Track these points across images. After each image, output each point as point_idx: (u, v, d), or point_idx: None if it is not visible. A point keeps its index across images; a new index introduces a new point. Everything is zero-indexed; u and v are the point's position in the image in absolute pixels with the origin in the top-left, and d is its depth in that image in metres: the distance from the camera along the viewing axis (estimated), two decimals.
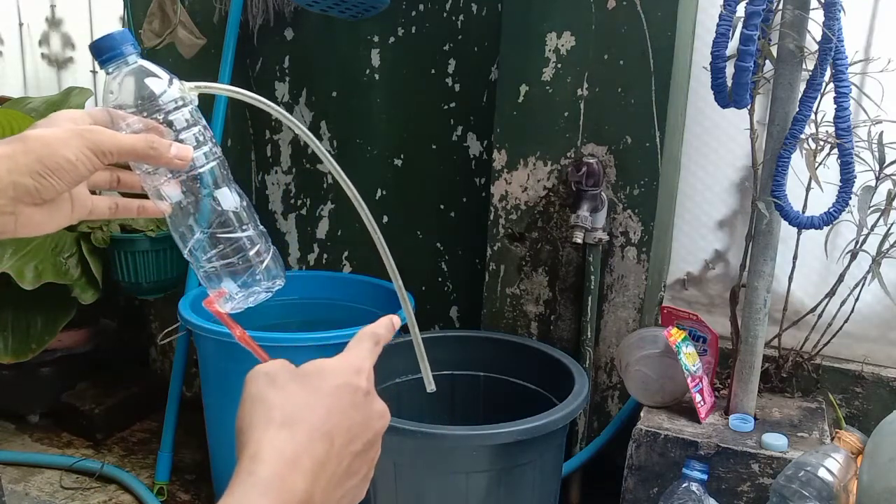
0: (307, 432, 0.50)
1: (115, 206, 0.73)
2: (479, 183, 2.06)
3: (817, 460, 1.31)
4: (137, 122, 0.64)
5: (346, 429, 0.52)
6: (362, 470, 0.54)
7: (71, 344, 2.44)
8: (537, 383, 1.75)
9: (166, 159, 0.62)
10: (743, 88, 1.35)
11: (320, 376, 0.53)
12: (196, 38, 2.17)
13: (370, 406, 0.55)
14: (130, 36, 0.64)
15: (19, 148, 0.58)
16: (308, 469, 0.48)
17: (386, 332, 0.61)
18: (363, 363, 0.56)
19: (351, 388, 0.53)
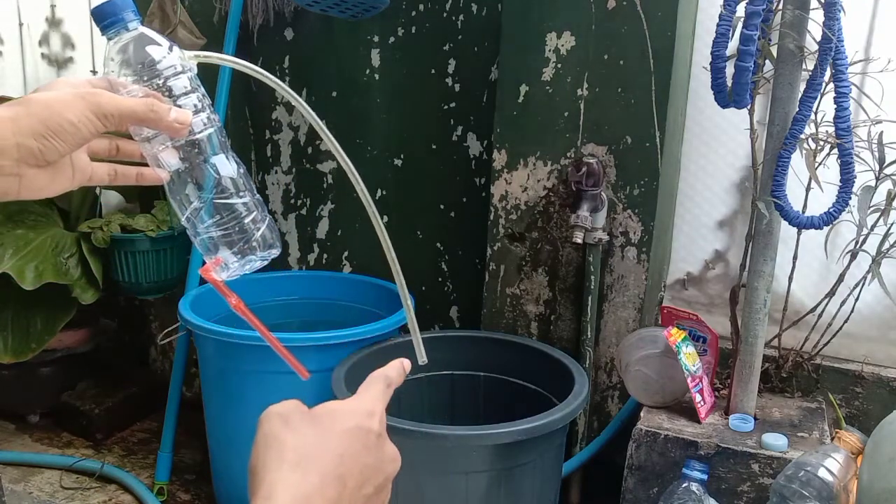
0: (320, 475, 0.50)
1: (114, 173, 0.74)
2: (479, 183, 2.06)
3: (817, 460, 1.31)
4: (137, 90, 0.65)
5: (359, 472, 0.52)
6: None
7: (71, 344, 2.44)
8: (537, 383, 1.75)
9: (166, 123, 0.63)
10: (743, 88, 1.35)
11: (332, 418, 0.54)
12: (196, 38, 2.17)
13: (382, 449, 0.55)
14: (132, 3, 0.65)
15: (22, 111, 0.59)
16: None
17: (397, 376, 0.62)
18: (375, 406, 0.57)
19: (363, 430, 0.54)
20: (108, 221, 2.24)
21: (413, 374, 1.86)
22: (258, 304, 2.14)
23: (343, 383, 1.56)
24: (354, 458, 0.52)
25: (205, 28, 2.20)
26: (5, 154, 0.58)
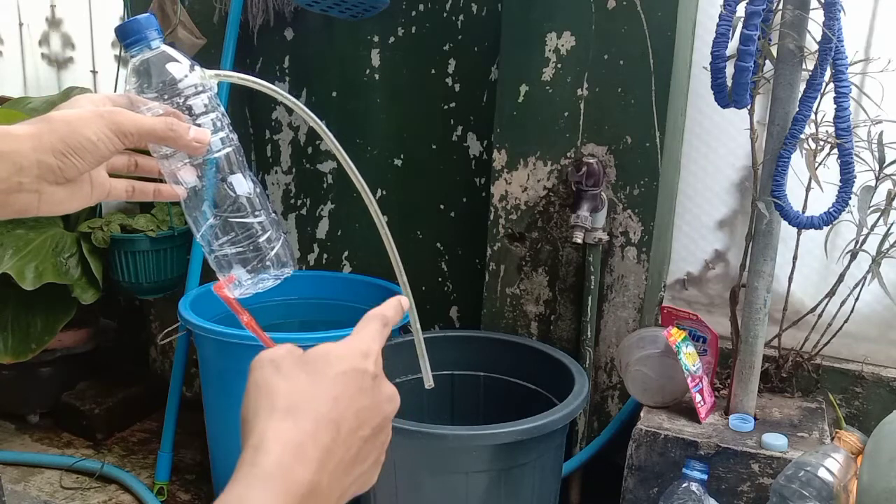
0: (312, 421, 0.49)
1: (132, 189, 0.74)
2: (479, 183, 2.06)
3: (817, 460, 1.31)
4: (157, 106, 0.65)
5: (354, 415, 0.51)
6: (372, 454, 0.54)
7: (71, 344, 2.44)
8: (537, 383, 1.75)
9: (185, 142, 0.64)
10: (743, 88, 1.35)
11: (326, 362, 0.52)
12: (196, 38, 2.17)
13: (379, 390, 0.54)
14: (155, 21, 0.66)
15: (44, 128, 0.59)
16: (314, 458, 0.48)
17: (394, 314, 0.61)
18: (371, 346, 0.55)
19: (358, 372, 0.52)
20: (108, 221, 2.25)
21: (413, 374, 1.86)
22: (258, 305, 2.14)
23: None
24: (349, 402, 0.51)
25: (205, 28, 2.20)
26: (25, 171, 0.59)
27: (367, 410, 0.52)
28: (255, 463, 0.47)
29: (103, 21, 2.79)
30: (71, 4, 2.85)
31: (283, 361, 0.52)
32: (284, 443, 0.47)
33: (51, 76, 2.96)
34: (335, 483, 0.50)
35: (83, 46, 2.87)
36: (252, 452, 0.47)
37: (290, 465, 0.47)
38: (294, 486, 0.46)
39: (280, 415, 0.49)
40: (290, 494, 0.46)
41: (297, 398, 0.50)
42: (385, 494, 1.53)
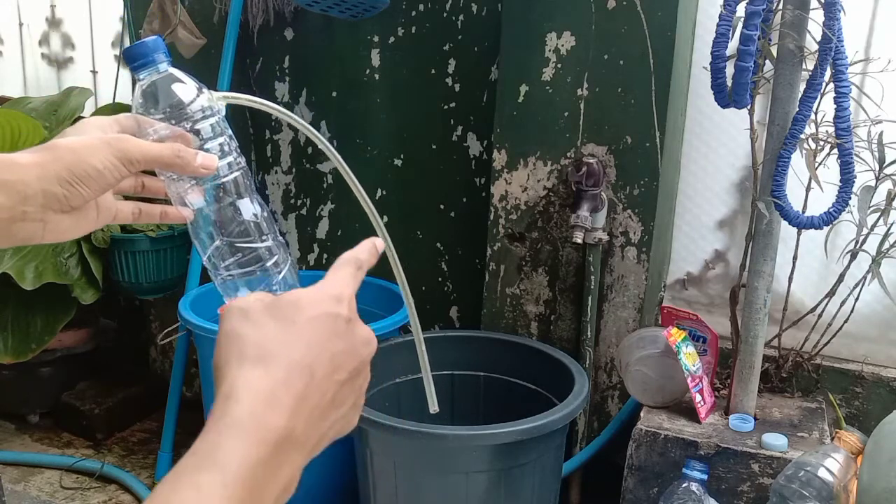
0: (284, 367, 0.48)
1: (138, 211, 0.74)
2: (479, 183, 2.06)
3: (817, 460, 1.31)
4: (164, 128, 0.65)
5: (329, 359, 0.50)
6: (350, 398, 0.53)
7: (71, 344, 2.44)
8: (537, 383, 1.75)
9: (192, 168, 0.63)
10: (743, 88, 1.35)
11: (296, 308, 0.51)
12: (196, 38, 2.17)
13: (353, 333, 0.53)
14: (163, 44, 0.65)
15: (49, 156, 0.58)
16: (287, 405, 0.47)
17: (368, 257, 0.59)
18: (343, 290, 0.54)
19: (331, 317, 0.51)
20: None
21: (413, 374, 1.86)
22: None
23: None
24: (322, 347, 0.50)
25: (205, 28, 2.20)
26: (30, 200, 0.58)
27: (343, 354, 0.51)
28: (225, 412, 0.46)
29: (103, 21, 2.79)
30: (71, 4, 2.85)
31: (253, 309, 0.51)
32: (255, 391, 0.47)
33: (51, 76, 2.96)
34: (311, 429, 0.49)
35: (83, 46, 2.87)
36: (223, 402, 0.47)
37: (262, 413, 0.46)
38: (267, 434, 0.46)
39: (250, 363, 0.48)
40: (263, 442, 0.45)
41: (268, 345, 0.49)
42: (385, 494, 1.53)
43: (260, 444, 0.45)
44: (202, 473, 0.44)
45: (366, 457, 1.53)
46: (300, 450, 0.48)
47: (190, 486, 0.44)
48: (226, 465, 0.44)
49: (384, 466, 1.51)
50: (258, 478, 0.45)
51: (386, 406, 1.70)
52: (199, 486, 0.43)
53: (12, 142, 2.24)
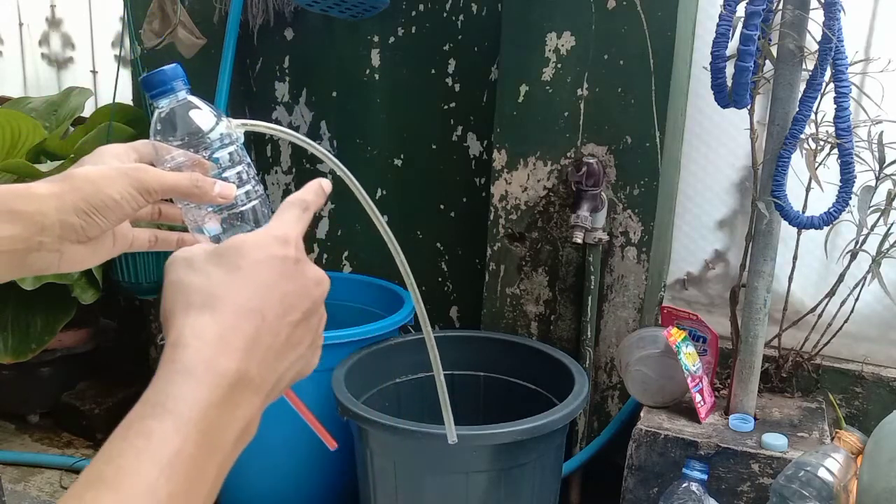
0: (232, 311, 0.48)
1: (154, 239, 0.73)
2: (479, 183, 2.06)
3: (817, 460, 1.31)
4: (182, 155, 0.64)
5: (278, 301, 0.50)
6: (306, 339, 0.53)
7: (71, 344, 2.44)
8: (537, 383, 1.75)
9: (209, 197, 0.63)
10: (743, 88, 1.35)
11: (240, 253, 0.51)
12: (196, 38, 2.16)
13: (303, 274, 0.53)
14: (181, 72, 0.65)
15: (66, 186, 0.58)
16: (238, 347, 0.47)
17: (315, 198, 0.59)
18: (289, 231, 0.54)
19: (277, 259, 0.51)
20: None
21: (413, 374, 1.86)
22: None
23: (343, 383, 1.56)
24: (271, 289, 0.50)
25: (205, 28, 2.20)
26: (47, 231, 0.57)
27: (294, 295, 0.51)
28: (174, 359, 0.46)
29: (103, 21, 2.79)
30: (71, 4, 2.85)
31: (196, 258, 0.51)
32: (204, 336, 0.47)
33: (51, 76, 2.96)
34: (267, 370, 0.49)
35: (83, 46, 2.87)
36: (171, 350, 0.46)
37: (213, 357, 0.46)
38: (219, 377, 0.45)
39: (196, 310, 0.48)
40: (215, 385, 0.45)
41: (214, 291, 0.49)
42: (385, 494, 1.53)
43: (212, 387, 0.45)
44: (152, 421, 0.43)
45: (366, 457, 1.53)
46: (256, 391, 0.48)
47: (139, 435, 0.43)
48: (176, 410, 0.44)
49: (384, 466, 1.51)
50: (212, 421, 0.44)
51: (386, 406, 1.70)
52: (149, 434, 0.43)
53: (12, 142, 2.24)
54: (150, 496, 0.41)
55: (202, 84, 2.31)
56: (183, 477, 0.43)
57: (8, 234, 0.56)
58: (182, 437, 0.43)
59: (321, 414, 1.77)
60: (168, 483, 0.42)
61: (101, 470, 0.42)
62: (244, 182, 0.66)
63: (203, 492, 0.44)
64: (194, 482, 0.43)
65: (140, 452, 0.42)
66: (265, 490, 1.86)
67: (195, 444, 0.43)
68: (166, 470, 0.42)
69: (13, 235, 0.56)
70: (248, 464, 1.94)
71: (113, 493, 0.41)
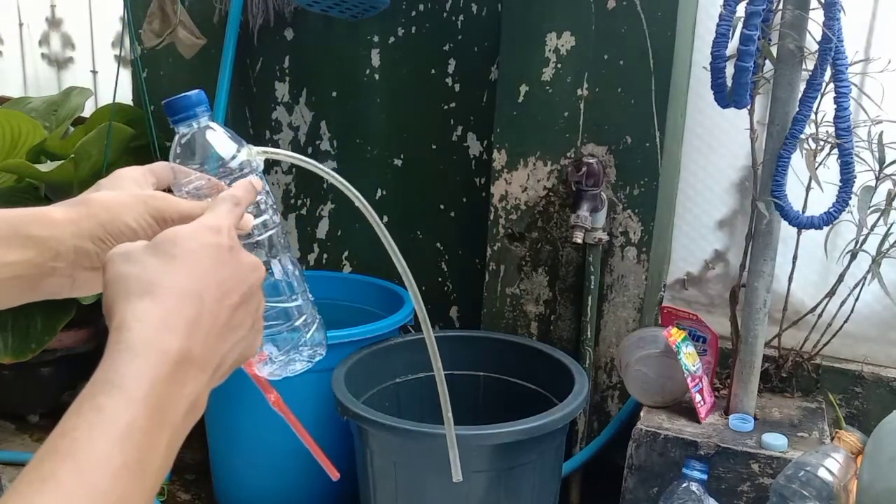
0: (172, 296, 0.49)
1: None
2: (479, 183, 2.06)
3: (817, 460, 1.31)
4: (199, 178, 0.64)
5: (216, 286, 0.51)
6: (246, 322, 0.54)
7: (71, 344, 2.44)
8: (537, 383, 1.75)
9: None
10: (743, 88, 1.35)
11: (174, 243, 0.52)
12: (196, 38, 2.16)
13: (238, 260, 0.54)
14: (205, 98, 0.65)
15: (83, 212, 0.58)
16: (180, 328, 0.48)
17: (244, 193, 0.60)
18: (220, 221, 0.55)
19: (211, 247, 0.53)
20: None
21: (413, 374, 1.86)
22: None
23: (343, 383, 1.56)
24: (207, 274, 0.51)
25: (205, 28, 2.20)
26: (62, 257, 0.58)
27: (231, 280, 0.53)
28: (119, 341, 0.47)
29: (103, 21, 2.79)
30: (71, 4, 2.85)
31: (133, 251, 0.52)
32: (146, 319, 0.48)
33: (51, 76, 2.96)
34: (210, 351, 0.50)
35: (83, 46, 2.87)
36: (115, 333, 0.48)
37: (156, 337, 0.47)
38: (163, 355, 0.47)
39: (137, 297, 0.49)
40: (160, 362, 0.46)
41: (152, 279, 0.50)
42: (385, 494, 1.53)
43: (157, 364, 0.46)
44: (102, 397, 0.45)
45: (366, 457, 1.53)
46: (201, 369, 0.49)
47: (91, 410, 0.44)
48: (124, 386, 0.45)
49: (384, 466, 1.51)
50: (161, 396, 0.46)
51: (386, 406, 1.70)
52: (100, 409, 0.44)
53: (12, 142, 2.24)
54: (104, 466, 0.42)
55: (202, 84, 2.31)
56: (135, 448, 0.44)
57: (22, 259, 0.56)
58: (132, 412, 0.44)
59: (321, 414, 1.78)
60: (121, 454, 0.43)
61: (57, 443, 0.43)
62: (262, 212, 0.66)
63: (155, 464, 0.45)
64: (146, 454, 0.45)
65: (93, 426, 0.43)
66: (265, 490, 1.86)
67: (145, 418, 0.45)
68: (118, 442, 0.43)
69: (27, 260, 0.57)
70: (248, 464, 1.95)
71: (70, 461, 0.42)
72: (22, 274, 0.57)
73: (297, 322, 0.67)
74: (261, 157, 0.67)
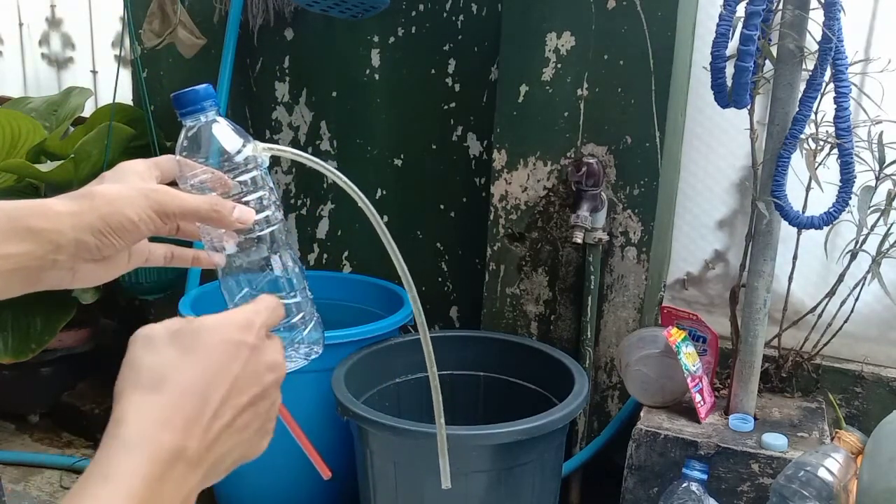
0: (176, 392, 0.49)
1: (170, 255, 0.74)
2: (479, 183, 2.06)
3: (817, 460, 1.31)
4: (205, 172, 0.64)
5: (225, 384, 0.51)
6: (253, 424, 0.53)
7: (71, 344, 2.44)
8: (537, 383, 1.75)
9: (228, 222, 0.63)
10: (743, 88, 1.35)
11: (197, 335, 0.52)
12: (196, 38, 2.16)
13: (258, 360, 0.53)
14: (213, 92, 0.66)
15: (85, 205, 0.58)
16: (177, 425, 0.48)
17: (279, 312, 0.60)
18: (252, 318, 0.55)
19: (233, 343, 0.52)
20: None
21: (413, 374, 1.86)
22: None
23: (343, 383, 1.56)
24: (218, 372, 0.51)
25: (205, 28, 2.20)
26: (62, 249, 0.58)
27: (243, 379, 0.52)
28: (115, 435, 0.47)
29: (103, 21, 2.79)
30: (71, 4, 2.85)
31: (156, 337, 0.52)
32: (145, 413, 0.48)
33: (51, 76, 2.96)
34: (207, 450, 0.49)
35: (83, 46, 2.87)
36: (113, 426, 0.47)
37: (151, 432, 0.47)
38: (157, 451, 0.46)
39: (143, 390, 0.49)
40: (153, 459, 0.46)
41: (163, 371, 0.50)
42: (385, 494, 1.53)
43: (151, 461, 0.46)
44: (94, 488, 0.45)
45: (366, 457, 1.53)
46: (195, 469, 0.49)
47: (90, 498, 0.44)
48: (116, 480, 0.45)
49: (384, 466, 1.51)
50: (152, 492, 0.46)
51: (386, 406, 1.70)
52: (95, 498, 0.44)
53: (12, 142, 2.24)
54: None
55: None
56: None
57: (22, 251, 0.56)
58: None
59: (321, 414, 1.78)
60: None
61: None
62: (264, 207, 0.66)
63: None
64: None
65: None
66: (265, 490, 1.86)
67: None
68: None
69: (27, 252, 0.57)
70: (249, 464, 1.94)
71: None
72: (22, 266, 0.57)
73: (294, 319, 0.67)
74: (266, 154, 0.67)
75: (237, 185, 0.65)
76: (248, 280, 0.67)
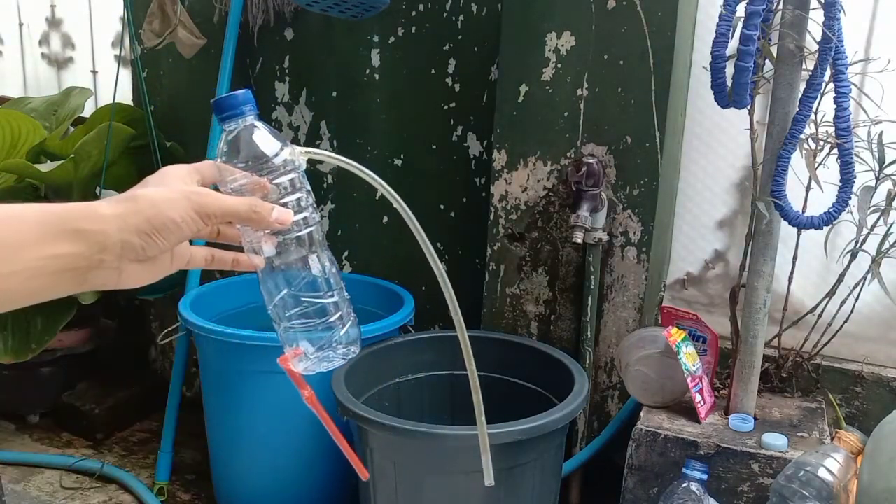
0: None
1: (211, 258, 0.76)
2: (479, 183, 2.06)
3: (817, 460, 1.31)
4: (244, 177, 0.67)
5: None
6: None
7: (71, 344, 2.44)
8: (537, 383, 1.75)
9: (267, 223, 0.66)
10: (743, 88, 1.35)
11: None
12: (196, 38, 2.17)
13: None
14: (251, 97, 0.68)
15: (131, 207, 0.62)
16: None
17: None
18: None
19: None
20: None
21: (413, 374, 1.87)
22: (259, 305, 2.14)
23: (343, 383, 1.56)
24: None
25: (205, 28, 2.21)
26: (108, 250, 0.61)
27: None
28: None
29: (103, 21, 2.79)
30: (71, 4, 2.85)
31: None
32: None
33: (51, 76, 2.96)
34: None
35: (83, 46, 2.87)
36: None
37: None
38: None
39: None
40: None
41: None
42: (385, 494, 1.53)
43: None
44: None
45: (366, 457, 1.53)
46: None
47: None
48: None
49: (384, 466, 1.51)
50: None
51: (386, 406, 1.70)
52: None
53: (12, 142, 2.24)
54: None
55: (202, 84, 2.31)
56: None
57: (72, 252, 0.59)
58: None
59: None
60: None
61: None
62: (302, 209, 0.69)
63: None
64: None
65: None
66: (265, 490, 1.86)
67: None
68: None
69: (77, 253, 0.60)
70: (248, 464, 1.95)
71: None
72: (72, 266, 0.60)
73: (332, 318, 0.70)
74: (304, 157, 0.69)
75: (275, 187, 0.67)
76: (287, 281, 0.69)
